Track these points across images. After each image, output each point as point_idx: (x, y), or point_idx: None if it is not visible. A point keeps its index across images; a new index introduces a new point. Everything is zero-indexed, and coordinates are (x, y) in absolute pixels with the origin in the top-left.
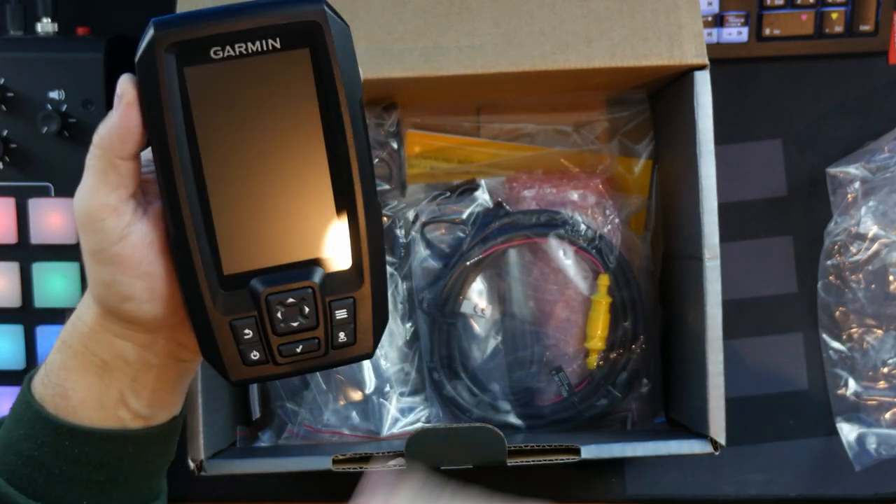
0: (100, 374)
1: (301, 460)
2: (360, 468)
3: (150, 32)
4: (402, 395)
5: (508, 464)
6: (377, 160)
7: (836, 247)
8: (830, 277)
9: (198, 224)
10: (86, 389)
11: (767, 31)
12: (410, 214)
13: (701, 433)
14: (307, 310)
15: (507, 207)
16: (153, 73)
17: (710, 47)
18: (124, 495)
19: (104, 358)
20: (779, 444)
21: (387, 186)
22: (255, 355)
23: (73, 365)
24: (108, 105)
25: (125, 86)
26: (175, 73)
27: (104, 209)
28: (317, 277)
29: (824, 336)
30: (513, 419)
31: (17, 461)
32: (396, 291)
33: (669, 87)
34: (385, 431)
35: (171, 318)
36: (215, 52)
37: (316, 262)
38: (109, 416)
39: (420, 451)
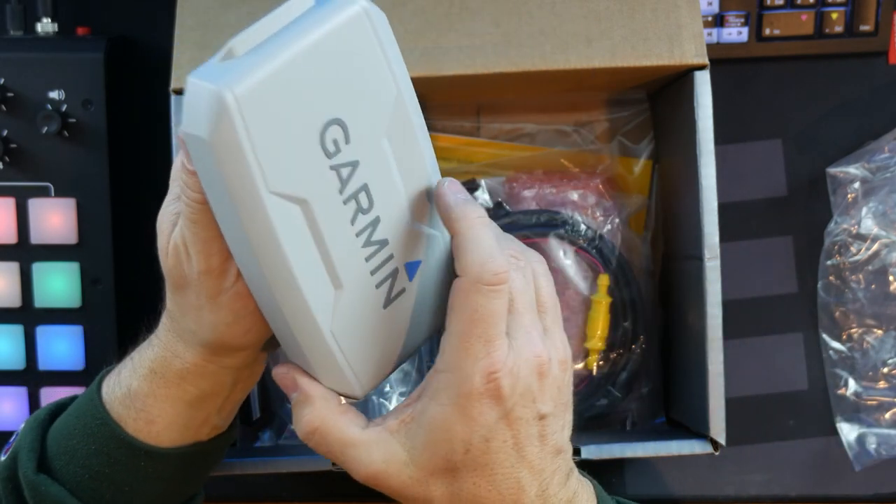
0: (193, 404)
1: (301, 460)
2: None
3: None
4: (402, 395)
5: None
6: None
7: (836, 247)
8: (830, 277)
9: None
10: (174, 416)
11: (767, 31)
12: None
13: (701, 433)
14: None
15: (507, 207)
16: None
17: (710, 47)
18: (181, 497)
19: (203, 389)
20: (779, 444)
21: None
22: None
23: (164, 395)
24: (108, 105)
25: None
26: None
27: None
28: None
29: (824, 336)
30: None
31: (85, 475)
32: None
33: (669, 87)
34: None
35: None
36: None
37: None
38: (191, 436)
39: None
